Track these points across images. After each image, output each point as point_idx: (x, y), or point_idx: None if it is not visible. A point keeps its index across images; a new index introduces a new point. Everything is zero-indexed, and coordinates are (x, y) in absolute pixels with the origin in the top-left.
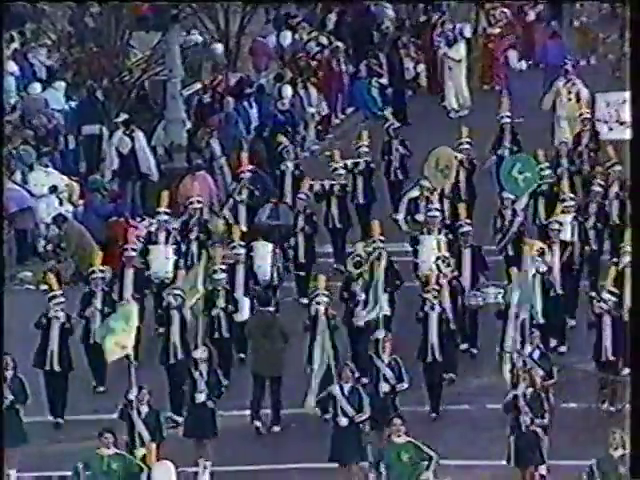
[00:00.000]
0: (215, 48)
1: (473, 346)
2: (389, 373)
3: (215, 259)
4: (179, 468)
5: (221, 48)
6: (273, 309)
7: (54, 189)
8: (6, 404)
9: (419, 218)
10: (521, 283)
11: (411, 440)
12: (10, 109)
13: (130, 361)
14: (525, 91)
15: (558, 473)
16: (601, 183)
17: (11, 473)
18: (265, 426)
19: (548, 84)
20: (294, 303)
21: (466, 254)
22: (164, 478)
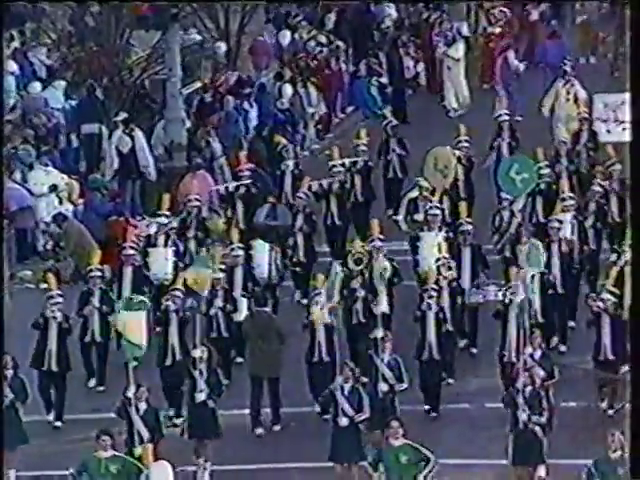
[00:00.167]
0: (217, 47)
1: (473, 345)
2: (388, 373)
3: (214, 258)
4: (179, 467)
5: (224, 47)
6: (270, 309)
7: (54, 188)
8: (6, 404)
9: (418, 218)
10: (520, 282)
11: (409, 442)
12: (10, 108)
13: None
14: (524, 90)
15: (558, 472)
16: (601, 182)
17: (10, 473)
18: (265, 427)
19: (548, 84)
20: (293, 303)
21: (466, 253)
22: (161, 478)
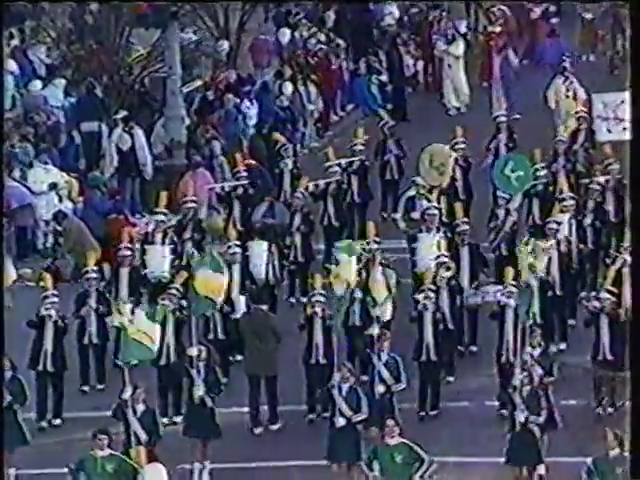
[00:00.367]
0: (218, 45)
1: (473, 344)
2: (386, 373)
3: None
4: (178, 465)
5: (226, 45)
6: (266, 308)
7: (54, 186)
8: (4, 405)
9: (414, 216)
10: (518, 282)
11: (405, 441)
12: (10, 106)
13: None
14: (523, 88)
15: (557, 470)
16: (599, 181)
17: (10, 472)
18: (263, 426)
19: (548, 82)
20: (290, 302)
21: (464, 253)
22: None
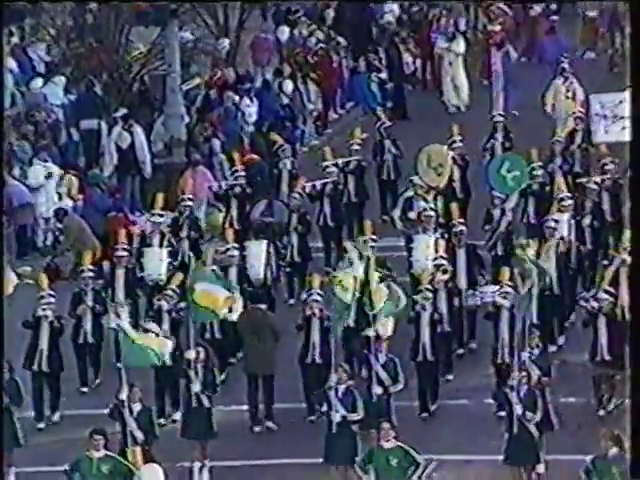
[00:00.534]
0: (219, 43)
1: (472, 343)
2: (383, 374)
3: (207, 259)
4: (178, 463)
5: (227, 43)
6: (265, 307)
7: (49, 175)
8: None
9: (411, 216)
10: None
11: (400, 445)
12: (9, 104)
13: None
14: (522, 87)
15: (557, 468)
16: (596, 181)
17: (9, 470)
18: (263, 425)
19: (547, 82)
20: (288, 302)
21: (461, 254)
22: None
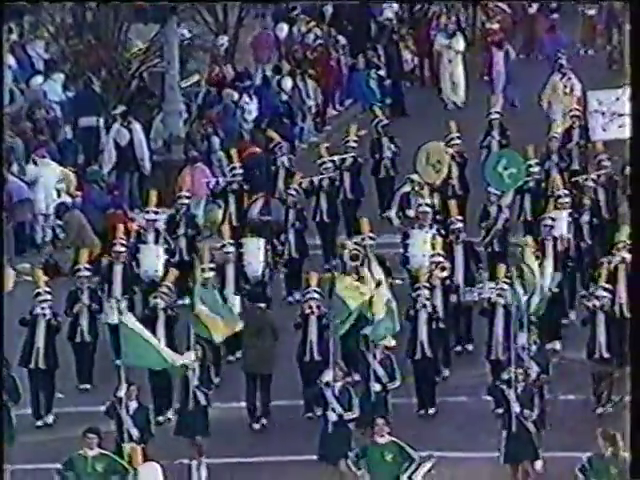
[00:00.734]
0: (218, 40)
1: (469, 340)
2: (381, 371)
3: (204, 258)
4: (176, 460)
5: (226, 40)
6: (264, 305)
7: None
8: None
9: (410, 213)
10: (514, 280)
11: (395, 440)
12: (8, 101)
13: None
14: (520, 83)
15: (555, 465)
16: (594, 178)
17: (8, 467)
18: (261, 422)
19: (545, 78)
20: (285, 300)
21: (458, 250)
22: (150, 479)
